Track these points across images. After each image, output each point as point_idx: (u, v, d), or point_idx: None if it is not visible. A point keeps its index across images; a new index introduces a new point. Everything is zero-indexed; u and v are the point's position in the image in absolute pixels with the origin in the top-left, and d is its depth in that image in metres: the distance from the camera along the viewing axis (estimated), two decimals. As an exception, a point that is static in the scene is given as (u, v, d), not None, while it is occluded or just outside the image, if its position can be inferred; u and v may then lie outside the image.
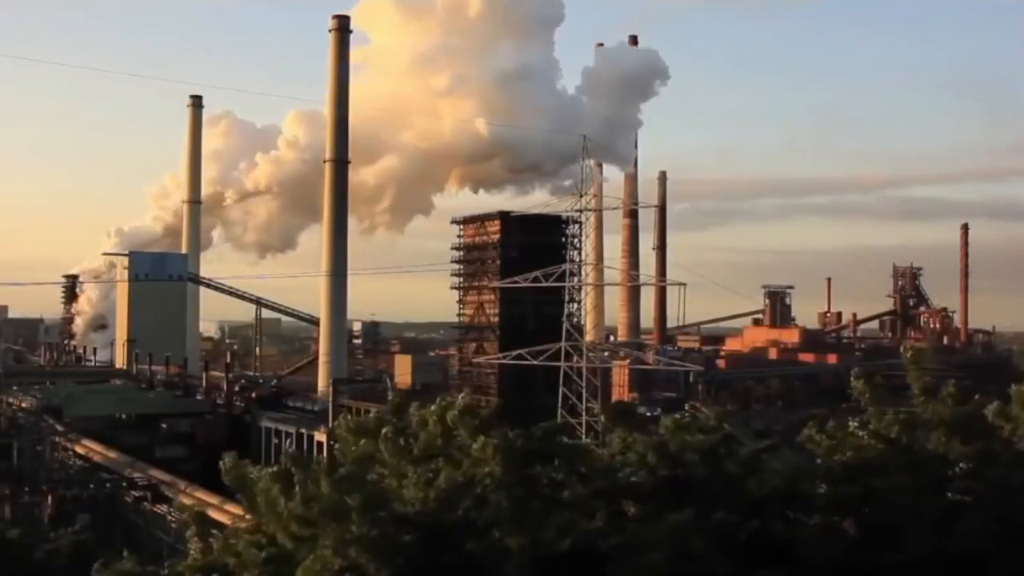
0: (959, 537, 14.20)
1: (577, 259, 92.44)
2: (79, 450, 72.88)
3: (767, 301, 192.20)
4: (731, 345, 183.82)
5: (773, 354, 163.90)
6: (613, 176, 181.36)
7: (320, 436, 74.56)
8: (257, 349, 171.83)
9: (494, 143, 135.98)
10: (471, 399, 16.39)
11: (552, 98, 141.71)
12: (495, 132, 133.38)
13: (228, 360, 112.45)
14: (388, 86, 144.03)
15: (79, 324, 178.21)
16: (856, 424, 16.15)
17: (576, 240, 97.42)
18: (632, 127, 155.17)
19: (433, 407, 15.14)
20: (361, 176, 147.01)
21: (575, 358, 79.65)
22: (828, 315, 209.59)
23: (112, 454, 71.89)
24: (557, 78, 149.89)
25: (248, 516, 15.28)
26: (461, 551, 13.40)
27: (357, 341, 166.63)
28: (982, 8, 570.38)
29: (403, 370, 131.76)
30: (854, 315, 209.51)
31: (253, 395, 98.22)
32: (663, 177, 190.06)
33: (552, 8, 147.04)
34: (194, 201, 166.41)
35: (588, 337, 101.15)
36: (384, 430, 15.30)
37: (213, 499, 50.32)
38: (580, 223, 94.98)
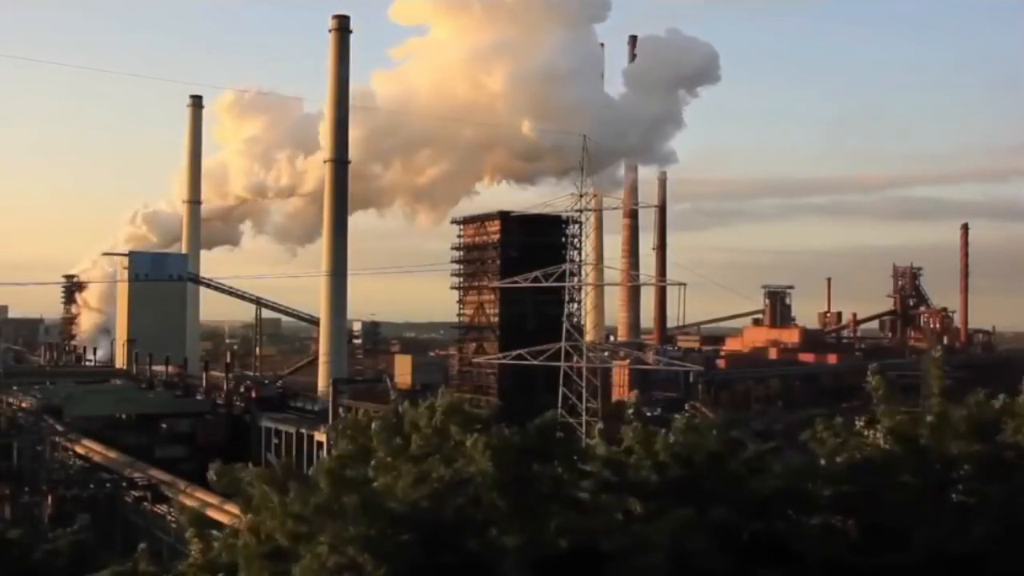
0: (964, 538, 14.19)
1: (577, 259, 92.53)
2: (79, 450, 72.88)
3: (767, 301, 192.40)
4: (731, 345, 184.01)
5: (773, 354, 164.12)
6: (652, 176, 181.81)
7: (320, 436, 74.54)
8: (257, 349, 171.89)
9: (540, 144, 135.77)
10: (456, 397, 16.36)
11: (596, 94, 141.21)
12: (541, 133, 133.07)
13: (228, 360, 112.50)
14: (434, 79, 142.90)
15: (83, 321, 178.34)
16: (862, 423, 16.16)
17: (576, 240, 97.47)
18: (676, 124, 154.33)
19: (423, 406, 15.10)
20: (404, 165, 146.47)
21: (575, 358, 79.70)
22: (828, 315, 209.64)
23: (112, 454, 71.88)
24: (601, 74, 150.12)
25: (246, 516, 15.25)
26: (460, 550, 13.37)
27: (357, 341, 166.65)
28: (983, 8, 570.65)
29: (403, 370, 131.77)
30: (854, 315, 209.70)
31: (253, 395, 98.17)
32: (663, 177, 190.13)
33: (596, 7, 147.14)
34: (194, 201, 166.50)
35: (588, 337, 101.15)
36: (373, 425, 15.28)
37: (213, 499, 50.32)
38: (580, 223, 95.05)
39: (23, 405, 78.02)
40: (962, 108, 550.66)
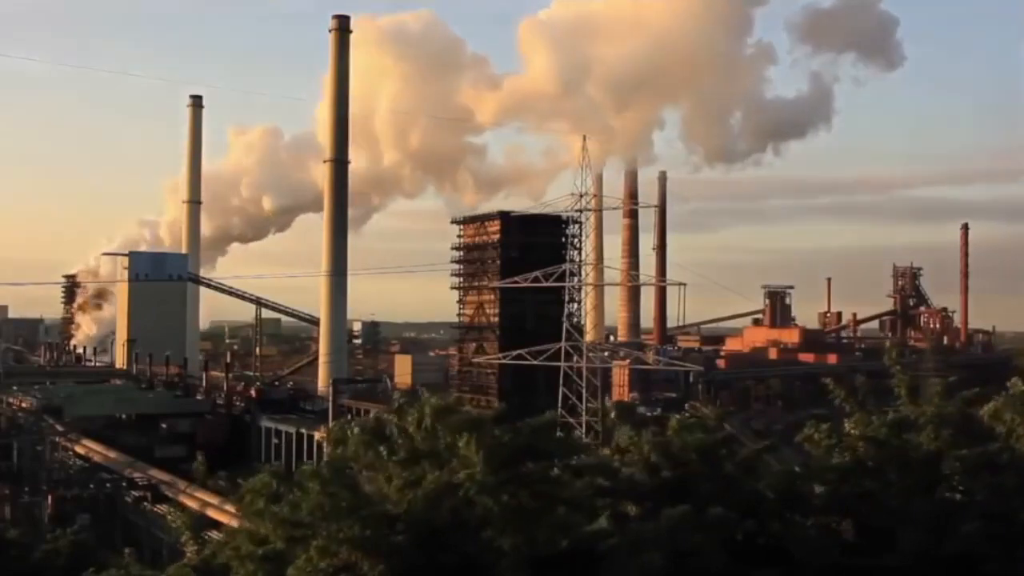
0: (955, 538, 14.24)
1: (577, 259, 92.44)
2: (79, 450, 72.91)
3: (767, 301, 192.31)
4: (731, 345, 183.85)
5: (773, 354, 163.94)
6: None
7: (320, 436, 74.55)
8: (257, 349, 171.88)
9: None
10: (446, 398, 16.36)
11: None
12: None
13: (228, 360, 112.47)
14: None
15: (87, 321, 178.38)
16: (851, 425, 16.27)
17: (576, 240, 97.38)
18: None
19: (413, 411, 15.11)
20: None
21: (575, 358, 79.67)
22: (828, 315, 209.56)
23: (112, 454, 71.92)
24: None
25: (241, 520, 15.30)
26: (456, 551, 13.40)
27: (357, 341, 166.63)
28: (987, 7, 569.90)
29: (403, 370, 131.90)
30: (854, 315, 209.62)
31: (253, 393, 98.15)
32: (663, 177, 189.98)
33: None
34: (194, 201, 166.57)
35: (588, 337, 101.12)
36: (353, 433, 15.31)
37: (213, 499, 50.39)
38: (580, 223, 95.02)
39: (23, 405, 78.05)
40: (967, 107, 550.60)
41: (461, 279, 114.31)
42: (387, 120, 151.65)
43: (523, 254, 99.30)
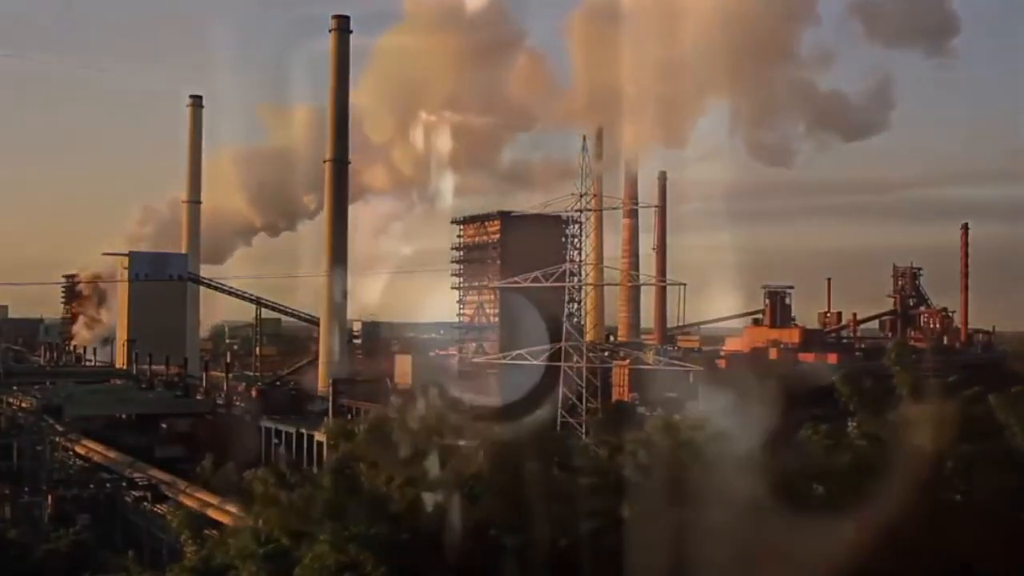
0: (957, 536, 14.26)
1: (577, 259, 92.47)
2: (79, 450, 72.92)
3: (767, 301, 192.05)
4: (731, 345, 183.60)
5: (773, 354, 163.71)
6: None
7: (320, 436, 74.58)
8: (257, 349, 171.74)
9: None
10: (449, 399, 16.42)
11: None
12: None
13: (228, 360, 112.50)
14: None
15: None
16: (853, 425, 16.28)
17: (576, 240, 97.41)
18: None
19: (414, 412, 15.17)
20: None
21: (575, 358, 79.74)
22: (828, 315, 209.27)
23: (112, 454, 71.92)
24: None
25: (245, 515, 15.30)
26: (458, 549, 13.43)
27: (357, 341, 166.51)
28: (986, 6, 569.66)
29: (403, 370, 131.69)
30: (854, 315, 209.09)
31: (253, 393, 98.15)
32: (663, 177, 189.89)
33: None
34: (194, 201, 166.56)
35: (588, 337, 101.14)
36: (357, 428, 15.36)
37: (213, 499, 50.44)
38: (580, 223, 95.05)
39: (23, 405, 78.05)
40: (967, 107, 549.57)
41: (461, 279, 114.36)
42: (434, 112, 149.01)
43: (523, 254, 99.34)
